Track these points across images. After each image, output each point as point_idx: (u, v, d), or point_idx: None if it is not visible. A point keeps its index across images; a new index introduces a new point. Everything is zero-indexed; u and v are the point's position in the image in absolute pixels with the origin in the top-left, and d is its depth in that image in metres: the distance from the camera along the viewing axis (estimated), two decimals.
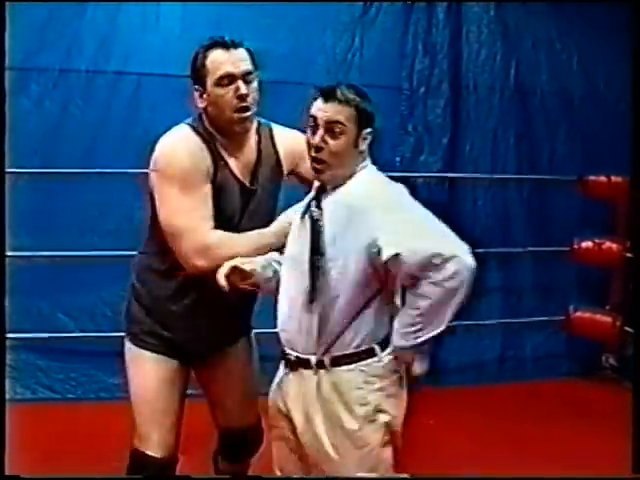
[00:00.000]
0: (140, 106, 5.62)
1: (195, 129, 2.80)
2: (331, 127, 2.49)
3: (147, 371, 2.95)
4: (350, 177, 2.57)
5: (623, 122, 5.60)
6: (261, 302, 3.17)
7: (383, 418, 2.58)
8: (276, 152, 2.97)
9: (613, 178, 5.95)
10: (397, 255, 2.40)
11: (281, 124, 3.12)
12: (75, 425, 4.87)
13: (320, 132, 2.51)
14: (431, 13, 6.21)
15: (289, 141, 2.98)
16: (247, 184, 2.87)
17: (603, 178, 5.77)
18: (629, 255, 5.75)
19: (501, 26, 6.37)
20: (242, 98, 2.70)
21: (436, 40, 6.24)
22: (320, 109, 2.51)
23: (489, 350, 6.35)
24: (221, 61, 2.70)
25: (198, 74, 2.76)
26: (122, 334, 3.09)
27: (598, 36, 6.34)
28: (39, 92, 5.56)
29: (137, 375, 2.98)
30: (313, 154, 2.54)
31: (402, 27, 6.17)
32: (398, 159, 6.18)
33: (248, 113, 2.74)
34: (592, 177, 5.93)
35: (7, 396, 5.32)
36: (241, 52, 2.74)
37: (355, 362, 2.56)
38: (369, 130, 2.56)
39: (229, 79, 2.70)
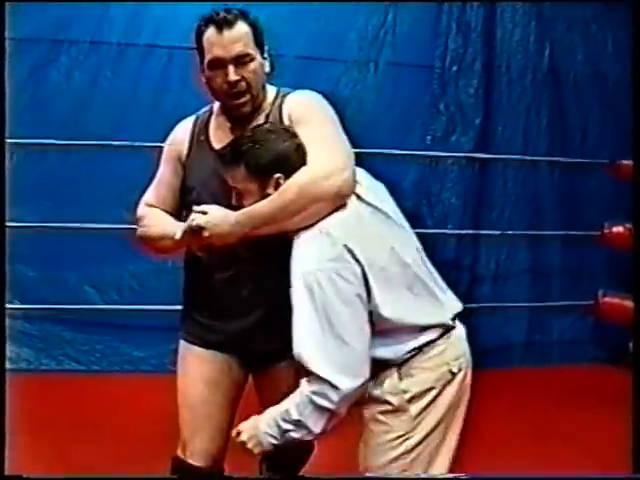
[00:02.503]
0: (170, 79, 5.61)
1: (202, 114, 2.72)
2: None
3: (191, 372, 2.72)
4: None
5: None
6: None
7: None
8: (281, 121, 2.61)
9: None
10: None
11: None
12: (100, 397, 4.88)
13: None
14: None
15: (292, 104, 2.61)
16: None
17: None
18: None
19: (536, 6, 6.29)
20: (231, 85, 2.48)
21: (470, 19, 6.18)
22: None
23: (515, 333, 6.32)
24: (212, 42, 2.48)
25: (198, 49, 2.57)
26: (148, 307, 3.01)
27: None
28: (69, 64, 5.56)
29: (182, 376, 2.76)
30: None
31: (436, 5, 6.11)
32: (429, 138, 6.14)
33: (242, 99, 2.51)
34: (625, 161, 5.83)
35: (32, 366, 5.42)
36: (235, 32, 2.48)
37: None
38: None
39: (219, 62, 2.48)
